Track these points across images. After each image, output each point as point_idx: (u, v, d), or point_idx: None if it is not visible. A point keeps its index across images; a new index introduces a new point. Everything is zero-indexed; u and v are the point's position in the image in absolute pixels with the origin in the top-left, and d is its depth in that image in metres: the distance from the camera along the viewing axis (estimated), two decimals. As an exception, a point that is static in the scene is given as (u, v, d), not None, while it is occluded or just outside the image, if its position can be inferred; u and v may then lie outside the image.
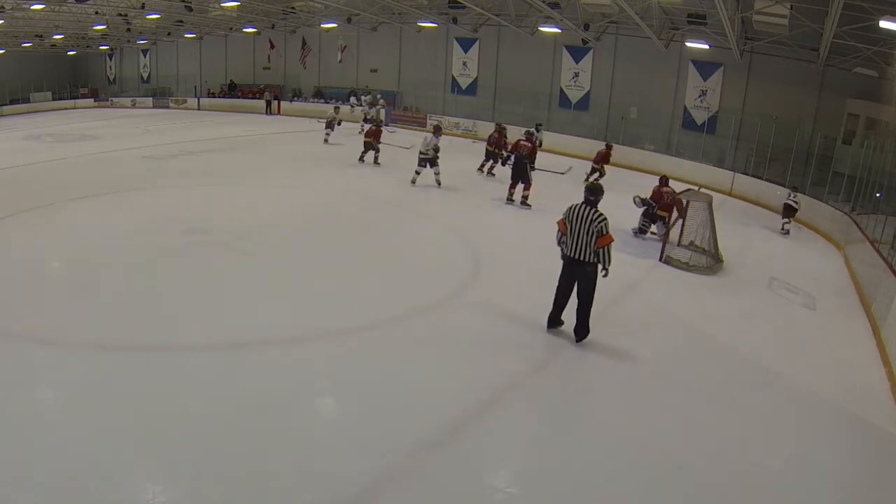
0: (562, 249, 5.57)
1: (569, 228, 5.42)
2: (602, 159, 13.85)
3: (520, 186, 11.01)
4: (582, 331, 5.61)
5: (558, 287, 5.65)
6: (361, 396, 4.62)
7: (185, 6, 22.74)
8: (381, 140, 14.66)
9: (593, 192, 5.48)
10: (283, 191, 11.65)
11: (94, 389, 4.44)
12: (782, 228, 11.71)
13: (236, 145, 17.37)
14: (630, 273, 7.70)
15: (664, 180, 9.97)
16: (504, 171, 12.53)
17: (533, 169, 11.29)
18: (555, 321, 5.79)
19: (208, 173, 13.22)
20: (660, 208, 9.42)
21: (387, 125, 22.76)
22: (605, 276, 5.40)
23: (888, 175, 10.54)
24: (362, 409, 4.45)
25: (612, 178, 12.50)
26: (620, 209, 9.27)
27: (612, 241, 5.33)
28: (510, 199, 11.18)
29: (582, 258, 5.36)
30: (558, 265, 5.62)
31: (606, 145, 14.23)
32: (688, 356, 5.76)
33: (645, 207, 9.67)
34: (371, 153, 14.48)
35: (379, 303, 6.36)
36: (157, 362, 4.90)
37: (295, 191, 11.68)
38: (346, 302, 6.36)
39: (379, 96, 24.72)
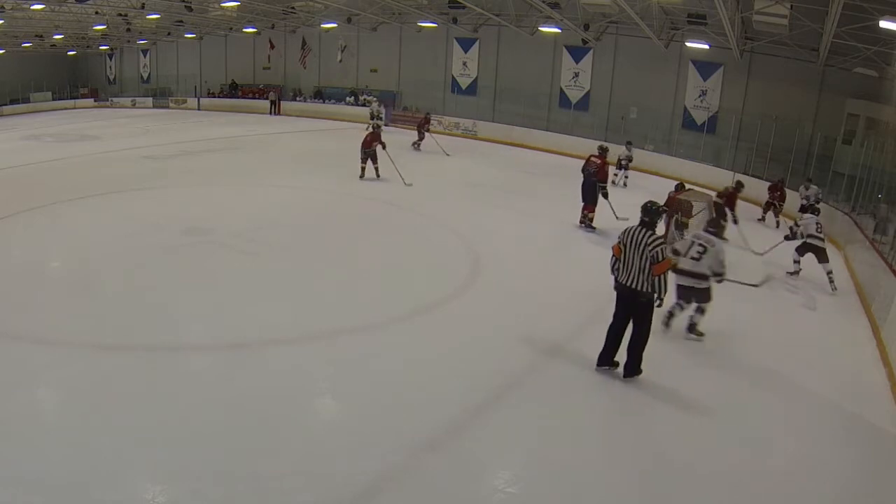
0: (615, 277, 5.01)
1: (623, 253, 4.87)
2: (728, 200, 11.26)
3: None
4: (633, 368, 5.02)
5: (612, 321, 5.06)
6: (361, 396, 4.62)
7: (185, 6, 22.73)
8: (382, 149, 12.33)
9: (649, 213, 4.92)
10: (283, 191, 11.65)
11: (94, 389, 4.45)
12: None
13: (237, 145, 17.37)
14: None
15: (680, 187, 9.68)
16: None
17: (604, 188, 9.85)
18: (606, 360, 5.11)
19: (209, 173, 13.23)
20: (683, 216, 8.95)
21: (386, 125, 22.80)
22: (660, 306, 4.92)
23: (888, 175, 10.53)
24: (362, 409, 4.45)
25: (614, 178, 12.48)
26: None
27: (669, 267, 4.82)
28: (583, 223, 9.93)
29: (636, 286, 4.80)
30: (560, 267, 5.55)
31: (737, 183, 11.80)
32: (687, 356, 5.76)
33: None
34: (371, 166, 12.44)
35: (379, 303, 6.36)
36: (157, 362, 4.90)
37: (295, 191, 11.68)
38: (347, 302, 6.36)
39: (374, 98, 24.65)
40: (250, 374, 4.76)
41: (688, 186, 9.78)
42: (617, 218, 9.47)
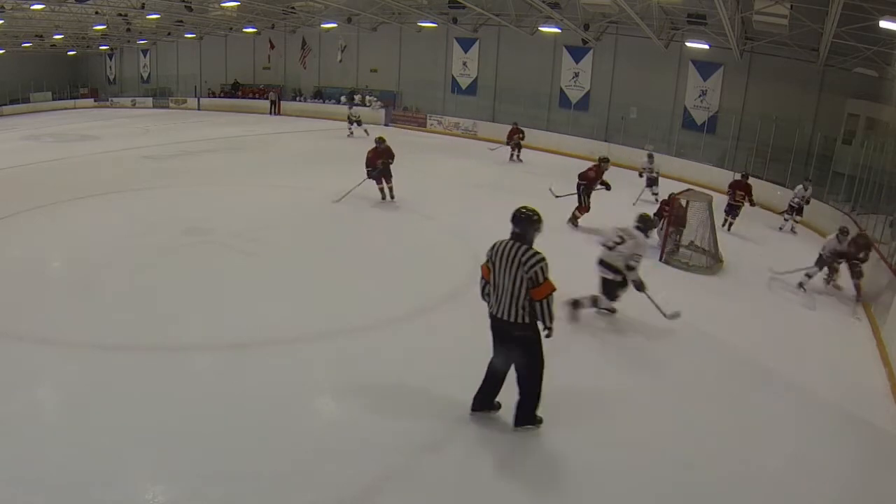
0: (488, 305, 4.05)
1: (492, 275, 3.87)
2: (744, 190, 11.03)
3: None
4: (525, 417, 4.09)
5: (492, 357, 4.14)
6: (361, 396, 4.62)
7: (185, 6, 22.74)
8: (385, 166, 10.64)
9: (521, 222, 3.79)
10: (283, 191, 11.65)
11: (93, 389, 4.45)
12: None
13: (237, 145, 17.38)
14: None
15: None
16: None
17: (585, 188, 9.94)
18: (482, 403, 4.23)
19: (209, 173, 13.23)
20: (682, 216, 8.88)
21: (386, 125, 22.80)
22: (549, 336, 3.91)
23: (888, 175, 10.52)
24: (363, 410, 4.45)
25: (614, 177, 12.43)
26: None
27: (553, 290, 3.80)
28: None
29: (508, 318, 3.83)
30: (561, 267, 5.40)
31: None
32: (688, 356, 5.76)
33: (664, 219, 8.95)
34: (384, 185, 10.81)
35: (380, 303, 6.36)
36: (157, 362, 4.91)
37: (295, 191, 11.67)
38: (347, 302, 6.36)
39: (374, 98, 24.58)
40: (250, 373, 4.77)
41: (686, 186, 9.78)
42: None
